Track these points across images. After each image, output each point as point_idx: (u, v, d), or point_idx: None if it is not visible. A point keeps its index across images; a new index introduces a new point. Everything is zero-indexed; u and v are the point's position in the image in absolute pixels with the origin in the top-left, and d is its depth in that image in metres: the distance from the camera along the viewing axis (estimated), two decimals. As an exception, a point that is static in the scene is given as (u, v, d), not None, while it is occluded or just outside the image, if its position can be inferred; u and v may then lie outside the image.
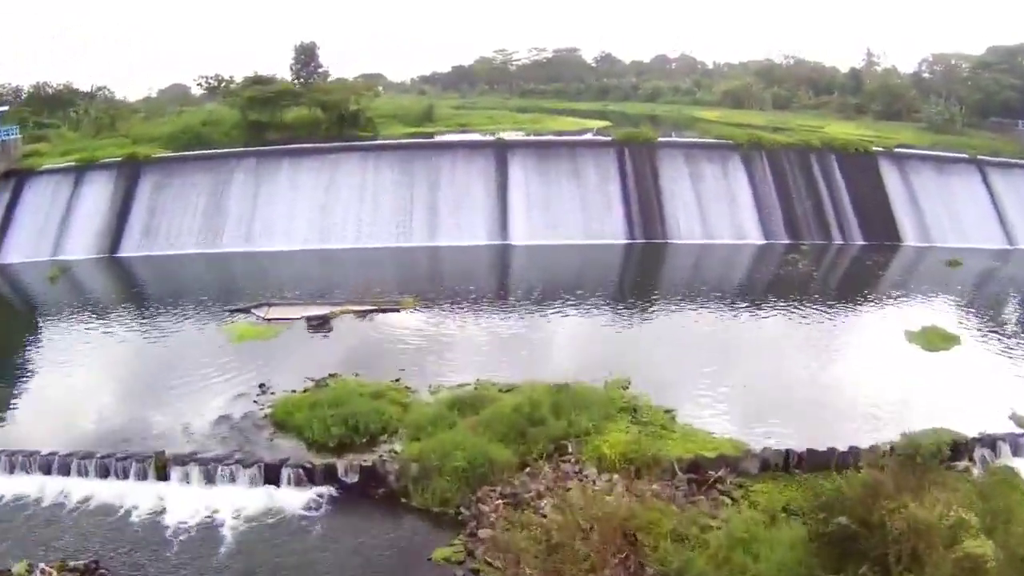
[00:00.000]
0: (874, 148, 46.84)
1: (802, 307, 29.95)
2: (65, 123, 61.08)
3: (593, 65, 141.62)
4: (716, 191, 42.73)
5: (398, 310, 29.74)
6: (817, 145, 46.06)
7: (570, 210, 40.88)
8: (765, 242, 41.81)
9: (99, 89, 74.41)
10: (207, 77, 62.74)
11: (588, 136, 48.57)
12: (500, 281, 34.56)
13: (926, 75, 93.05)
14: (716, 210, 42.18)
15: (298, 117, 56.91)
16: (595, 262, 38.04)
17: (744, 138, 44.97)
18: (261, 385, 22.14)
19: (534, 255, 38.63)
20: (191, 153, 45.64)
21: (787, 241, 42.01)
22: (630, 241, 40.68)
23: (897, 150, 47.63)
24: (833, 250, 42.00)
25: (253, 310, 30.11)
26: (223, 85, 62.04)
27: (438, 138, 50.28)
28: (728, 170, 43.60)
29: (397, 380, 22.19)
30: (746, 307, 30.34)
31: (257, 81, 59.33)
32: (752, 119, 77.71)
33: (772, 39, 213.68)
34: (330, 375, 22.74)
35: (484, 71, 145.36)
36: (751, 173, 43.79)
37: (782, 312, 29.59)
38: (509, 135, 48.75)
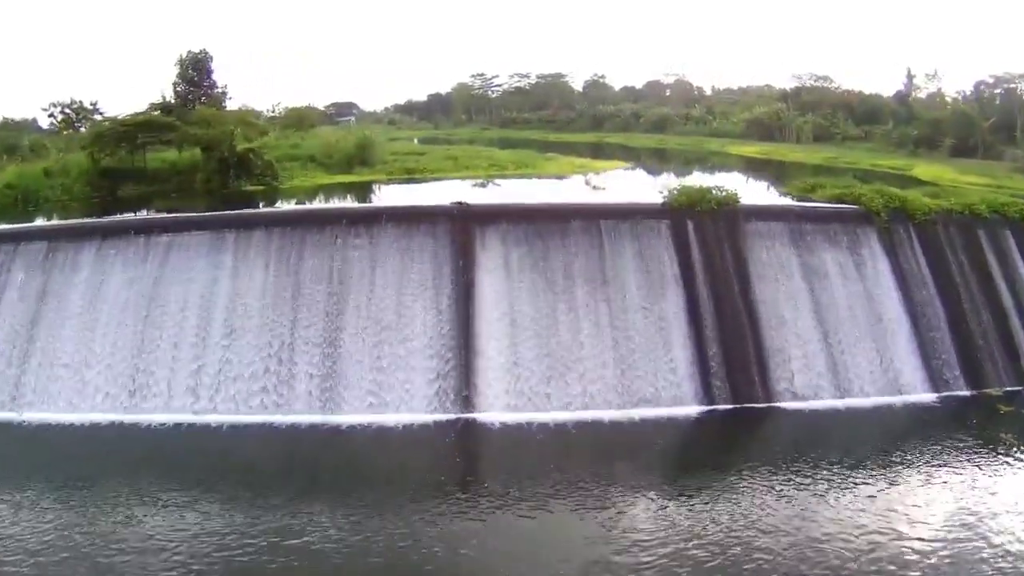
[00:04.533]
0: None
1: None
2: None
3: (581, 91, 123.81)
4: (849, 302, 22.57)
5: None
6: (983, 212, 26.03)
7: (592, 350, 20.46)
8: (935, 396, 21.71)
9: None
10: (62, 105, 42.02)
11: (613, 196, 28.39)
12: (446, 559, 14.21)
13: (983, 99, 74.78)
14: (852, 339, 21.97)
15: (174, 162, 36.80)
16: (645, 465, 17.74)
17: (878, 200, 24.89)
18: None
19: (523, 448, 18.38)
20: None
21: (966, 392, 21.93)
22: (707, 408, 20.41)
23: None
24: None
25: None
26: (80, 116, 41.52)
27: (372, 197, 30.31)
28: (863, 259, 23.49)
29: None
30: None
31: (160, 108, 39.44)
32: (803, 155, 58.67)
33: (773, 62, 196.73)
34: None
35: (462, 99, 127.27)
36: (898, 264, 23.84)
37: None
38: (480, 192, 28.83)
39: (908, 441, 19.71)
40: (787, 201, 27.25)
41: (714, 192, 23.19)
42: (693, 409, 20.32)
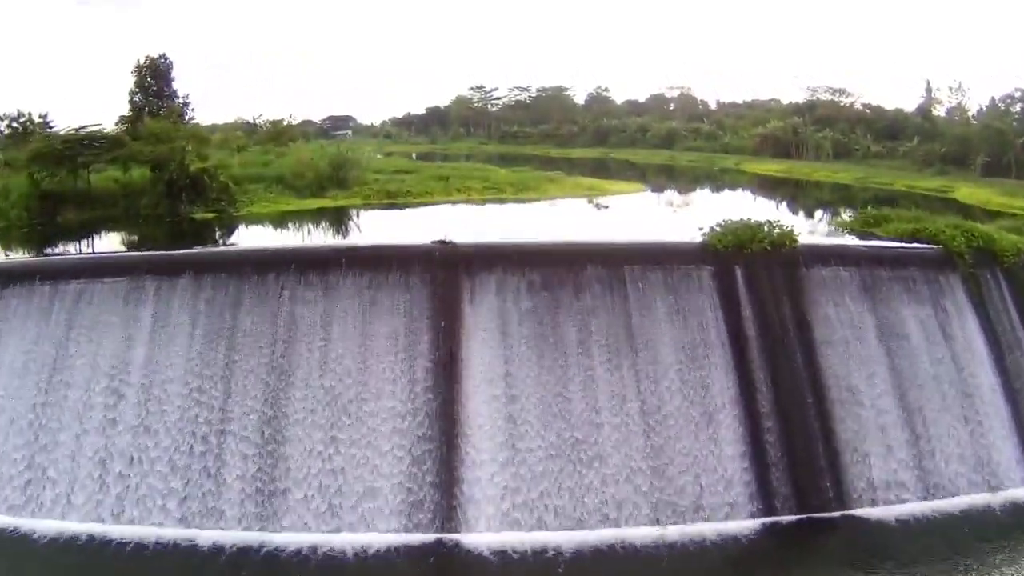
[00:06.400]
0: None
1: None
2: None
3: (583, 105, 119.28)
4: (934, 371, 17.45)
5: None
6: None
7: (616, 442, 15.34)
8: (1036, 488, 16.94)
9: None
10: (9, 118, 36.95)
11: (637, 226, 23.36)
12: None
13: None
14: (939, 420, 16.99)
15: (126, 183, 31.81)
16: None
17: (959, 239, 19.82)
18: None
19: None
20: None
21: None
22: (765, 520, 15.36)
23: None
24: None
25: None
26: (28, 130, 36.50)
27: (337, 230, 25.32)
28: (948, 315, 18.41)
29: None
30: None
31: (130, 121, 34.46)
32: (828, 174, 53.86)
33: (777, 74, 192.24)
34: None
35: (460, 112, 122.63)
36: (987, 321, 18.75)
37: None
38: (472, 222, 23.92)
39: (1018, 559, 14.74)
40: (852, 240, 22.26)
41: (766, 229, 18.12)
42: (748, 523, 15.26)
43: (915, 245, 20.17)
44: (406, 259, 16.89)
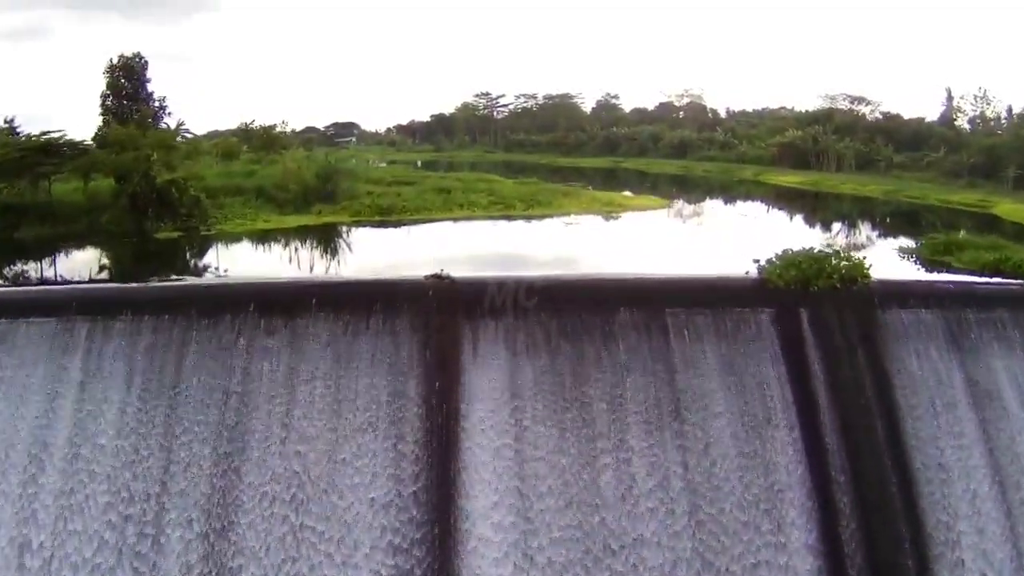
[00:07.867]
0: None
1: None
2: None
3: (591, 113, 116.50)
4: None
5: None
6: None
7: (657, 537, 12.06)
8: None
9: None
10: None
11: (671, 251, 20.00)
12: None
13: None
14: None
15: (92, 195, 28.74)
16: None
17: (1048, 265, 16.67)
18: None
19: None
20: None
21: None
22: (847, 634, 12.19)
23: None
24: None
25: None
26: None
27: (312, 256, 22.12)
28: (1045, 366, 15.27)
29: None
30: None
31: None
32: (855, 187, 50.70)
33: (784, 82, 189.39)
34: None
35: (466, 119, 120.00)
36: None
37: None
38: (474, 247, 20.72)
39: None
40: (932, 274, 19.00)
41: (833, 261, 14.82)
42: (823, 638, 11.93)
43: (999, 280, 16.98)
44: (392, 298, 13.55)
